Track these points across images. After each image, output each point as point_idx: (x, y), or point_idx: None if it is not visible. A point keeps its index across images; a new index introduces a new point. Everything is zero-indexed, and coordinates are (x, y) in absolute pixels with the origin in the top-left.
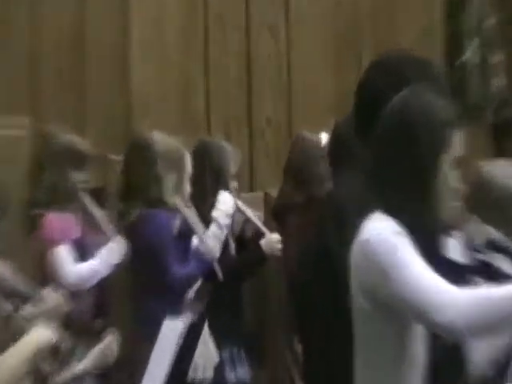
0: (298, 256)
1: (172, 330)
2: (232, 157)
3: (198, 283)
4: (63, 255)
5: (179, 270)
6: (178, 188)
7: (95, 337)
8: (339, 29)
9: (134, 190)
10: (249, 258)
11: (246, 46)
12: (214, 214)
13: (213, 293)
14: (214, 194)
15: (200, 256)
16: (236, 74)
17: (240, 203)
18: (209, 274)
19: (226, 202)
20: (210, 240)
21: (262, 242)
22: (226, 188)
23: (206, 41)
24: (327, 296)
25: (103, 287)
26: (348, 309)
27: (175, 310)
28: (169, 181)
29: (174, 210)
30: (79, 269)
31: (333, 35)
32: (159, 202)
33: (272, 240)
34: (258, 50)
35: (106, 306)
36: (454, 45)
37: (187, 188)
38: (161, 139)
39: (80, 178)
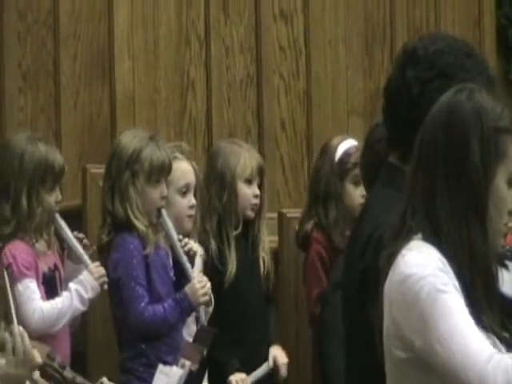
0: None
1: (167, 376)
2: (243, 158)
3: (191, 327)
4: (29, 292)
5: (146, 310)
6: (168, 206)
7: None
8: (369, 16)
9: (103, 210)
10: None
11: (254, 38)
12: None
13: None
14: (220, 204)
15: (183, 298)
16: (243, 71)
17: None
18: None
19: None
20: (197, 283)
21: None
22: (235, 195)
23: (207, 34)
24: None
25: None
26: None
27: (159, 354)
28: (141, 199)
29: (145, 237)
30: (41, 309)
31: (361, 24)
32: (127, 225)
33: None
34: (269, 42)
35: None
36: (505, 37)
37: (181, 205)
38: (129, 145)
39: (53, 199)
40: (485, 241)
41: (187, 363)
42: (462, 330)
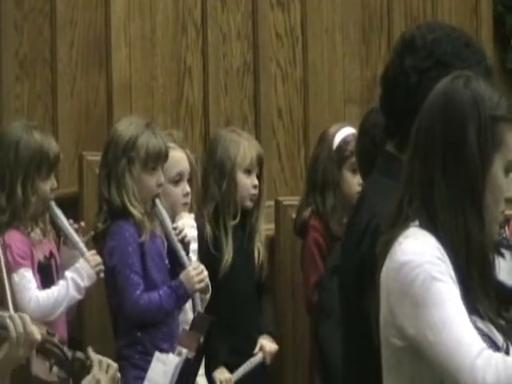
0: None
1: (164, 364)
2: (242, 148)
3: (189, 313)
4: (25, 281)
5: (141, 298)
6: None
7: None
8: (366, 4)
9: (99, 198)
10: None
11: (251, 26)
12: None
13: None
14: (219, 193)
15: (178, 285)
16: (240, 59)
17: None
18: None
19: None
20: (192, 270)
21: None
22: (234, 184)
23: (204, 21)
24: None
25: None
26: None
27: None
28: (137, 186)
29: (141, 224)
30: (37, 298)
31: (358, 12)
32: (123, 213)
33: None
34: (266, 29)
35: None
36: (502, 25)
37: (175, 194)
38: (126, 132)
39: (48, 187)
40: (481, 229)
41: (184, 351)
42: (454, 322)
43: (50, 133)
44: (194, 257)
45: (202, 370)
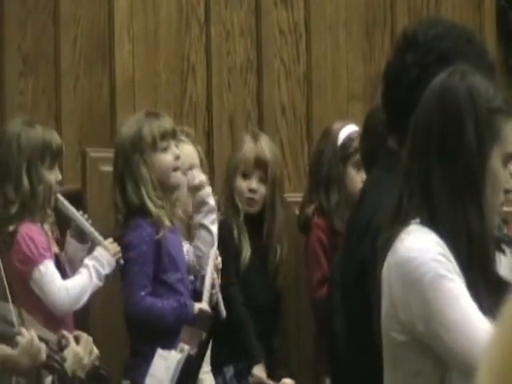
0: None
1: (166, 360)
2: (242, 152)
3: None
4: (51, 272)
5: (144, 300)
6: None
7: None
8: (369, 0)
9: (115, 210)
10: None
11: (255, 22)
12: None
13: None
14: (223, 197)
15: (187, 308)
16: (243, 55)
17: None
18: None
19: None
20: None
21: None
22: (232, 188)
23: (207, 17)
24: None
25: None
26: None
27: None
28: (154, 172)
29: (158, 222)
30: (66, 288)
31: (361, 8)
32: (141, 211)
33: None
34: (269, 26)
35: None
36: (506, 21)
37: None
38: (129, 131)
39: (53, 177)
40: (481, 221)
41: (186, 347)
42: (468, 318)
43: (53, 127)
44: (213, 227)
45: (208, 368)
